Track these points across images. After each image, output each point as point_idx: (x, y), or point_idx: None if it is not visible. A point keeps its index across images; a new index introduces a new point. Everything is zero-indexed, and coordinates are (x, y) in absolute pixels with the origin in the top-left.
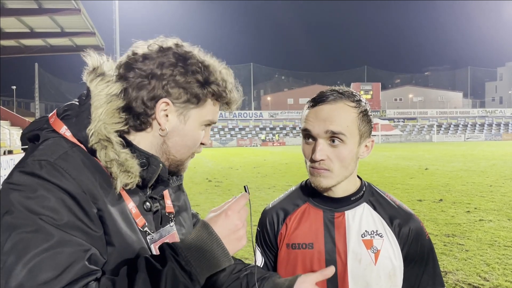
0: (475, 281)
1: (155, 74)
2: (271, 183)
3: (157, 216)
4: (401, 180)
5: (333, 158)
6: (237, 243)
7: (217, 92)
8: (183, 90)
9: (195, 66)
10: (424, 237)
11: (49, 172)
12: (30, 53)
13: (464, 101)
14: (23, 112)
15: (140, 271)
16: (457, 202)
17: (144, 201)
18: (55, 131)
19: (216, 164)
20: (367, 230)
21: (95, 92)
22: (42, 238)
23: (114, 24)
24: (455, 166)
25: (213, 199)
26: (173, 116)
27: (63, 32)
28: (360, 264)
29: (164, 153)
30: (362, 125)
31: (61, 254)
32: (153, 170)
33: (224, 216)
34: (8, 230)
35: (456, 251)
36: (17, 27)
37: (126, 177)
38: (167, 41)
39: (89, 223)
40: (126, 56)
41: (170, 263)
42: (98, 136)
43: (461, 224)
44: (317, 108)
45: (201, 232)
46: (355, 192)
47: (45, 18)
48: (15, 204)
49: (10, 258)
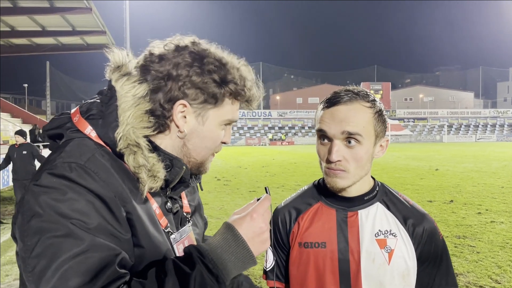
0: (486, 283)
1: (171, 75)
2: (279, 182)
3: (177, 216)
4: (411, 180)
5: (349, 159)
6: (261, 246)
7: (235, 91)
8: (200, 90)
9: (212, 65)
10: (438, 237)
11: (79, 174)
12: (41, 52)
13: (476, 101)
14: (35, 110)
15: (169, 274)
16: (468, 203)
17: (166, 202)
18: (79, 131)
19: (225, 163)
20: (381, 229)
21: (121, 93)
22: (73, 243)
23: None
24: (466, 167)
25: (221, 198)
26: (191, 117)
27: (74, 31)
28: (373, 263)
29: (184, 155)
30: (377, 125)
31: (92, 259)
32: (176, 172)
33: (249, 218)
34: (37, 234)
35: (467, 253)
36: (29, 26)
37: (152, 181)
38: (183, 39)
39: (118, 226)
40: (143, 57)
41: (198, 266)
42: (127, 140)
43: (472, 225)
44: (333, 109)
45: (226, 235)
46: (368, 191)
47: (57, 17)
48: (44, 207)
49: (41, 263)
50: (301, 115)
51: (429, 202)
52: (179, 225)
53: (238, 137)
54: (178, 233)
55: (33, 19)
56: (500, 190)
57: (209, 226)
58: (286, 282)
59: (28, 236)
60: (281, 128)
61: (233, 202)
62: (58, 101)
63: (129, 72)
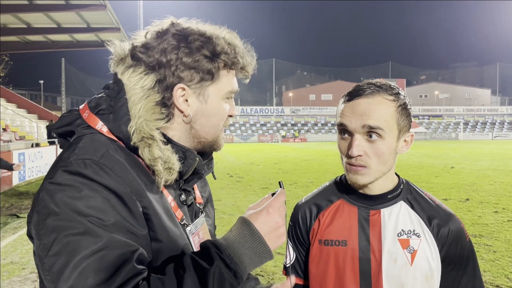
0: (503, 283)
1: (161, 63)
2: (292, 179)
3: (191, 208)
4: (426, 178)
5: (370, 154)
6: (277, 240)
7: (227, 60)
8: (194, 70)
9: (198, 42)
10: (464, 238)
11: (94, 171)
12: (57, 48)
13: (492, 98)
14: (50, 106)
15: (187, 270)
16: (484, 202)
17: (180, 194)
18: (90, 127)
19: (237, 159)
20: (404, 229)
21: (129, 86)
22: (91, 240)
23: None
24: (482, 165)
25: (234, 194)
26: (192, 99)
27: (89, 28)
28: (395, 264)
29: (194, 137)
30: (401, 119)
31: (110, 256)
32: (189, 164)
33: (265, 213)
34: (54, 232)
35: (483, 252)
36: (45, 23)
37: (168, 173)
38: (162, 23)
39: (134, 222)
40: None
41: (217, 262)
42: (141, 133)
43: (488, 224)
44: (354, 102)
45: (242, 230)
46: (392, 189)
47: (72, 14)
48: (60, 205)
49: (59, 261)
50: (314, 112)
51: (445, 201)
52: (193, 217)
53: (251, 133)
54: (193, 225)
55: (49, 16)
56: None
57: (222, 223)
58: (305, 278)
59: (44, 234)
60: (294, 125)
61: (245, 199)
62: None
63: (134, 63)
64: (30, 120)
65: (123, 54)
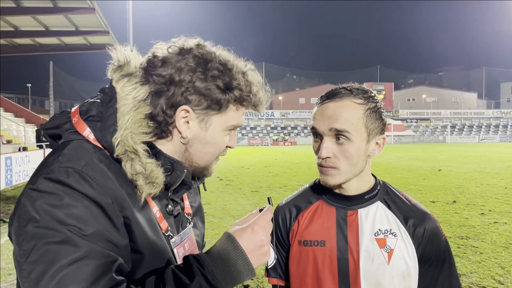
0: (489, 284)
1: (173, 80)
2: (282, 182)
3: (178, 218)
4: (414, 181)
5: (339, 155)
6: (261, 258)
7: (239, 97)
8: (203, 96)
9: (216, 70)
10: (440, 237)
11: (76, 180)
12: (45, 52)
13: (479, 102)
14: (38, 109)
15: (168, 284)
16: (471, 204)
17: (166, 204)
18: (77, 133)
19: (227, 163)
20: (381, 228)
21: (121, 95)
22: (70, 250)
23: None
24: (469, 167)
25: (224, 198)
26: (194, 123)
27: (77, 31)
28: (372, 263)
29: (186, 160)
30: (369, 122)
31: (89, 266)
32: (177, 175)
33: (250, 230)
34: (33, 239)
35: (470, 254)
36: (33, 26)
37: (150, 187)
38: (188, 42)
39: (115, 232)
40: (147, 59)
41: (198, 277)
42: (125, 146)
43: (475, 226)
44: (323, 106)
45: (226, 245)
46: (368, 190)
47: (60, 16)
48: (41, 212)
49: (38, 269)
50: (304, 115)
51: (432, 203)
52: (180, 227)
53: (241, 137)
54: (178, 236)
55: (37, 19)
56: (503, 191)
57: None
58: (287, 279)
59: (24, 240)
60: (284, 128)
61: (235, 202)
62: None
63: (131, 72)
64: (17, 124)
65: (122, 61)
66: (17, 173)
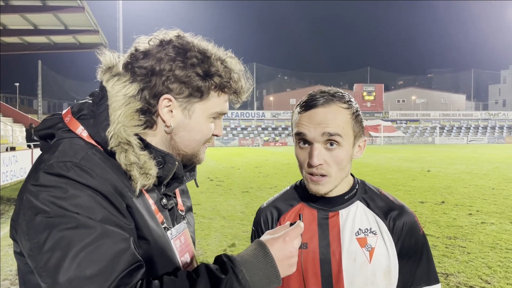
0: (476, 283)
1: (154, 71)
2: (272, 183)
3: (172, 213)
4: (403, 182)
5: (330, 162)
6: (288, 269)
7: (219, 83)
8: (184, 84)
9: (195, 59)
10: (418, 231)
11: (76, 173)
12: (33, 51)
13: (467, 104)
14: (26, 109)
15: (201, 276)
16: (459, 205)
17: (161, 198)
18: (71, 131)
19: (217, 163)
20: (361, 228)
21: (112, 93)
22: (85, 233)
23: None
24: (457, 168)
25: (214, 198)
26: (177, 111)
27: (66, 30)
28: (355, 262)
29: (173, 148)
30: (355, 126)
31: (106, 246)
32: (169, 168)
33: (282, 240)
34: (46, 229)
35: (458, 254)
36: (21, 24)
37: (145, 179)
38: (168, 33)
39: (121, 217)
40: (129, 54)
41: (230, 274)
42: (118, 139)
43: (463, 226)
44: (311, 112)
45: (257, 251)
46: (348, 190)
47: (49, 15)
48: (48, 204)
49: (55, 255)
50: None
51: (421, 203)
52: (174, 222)
53: (232, 137)
54: (174, 229)
55: (25, 17)
56: (490, 192)
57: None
58: None
59: (35, 233)
60: (275, 129)
61: (225, 203)
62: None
63: (119, 72)
64: (5, 124)
65: (111, 63)
66: (4, 173)
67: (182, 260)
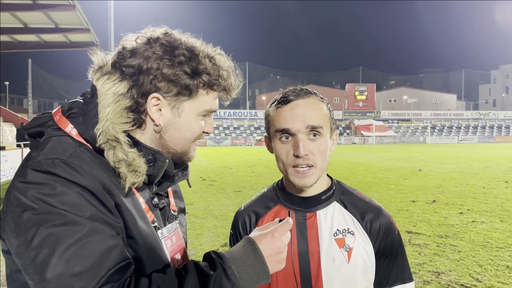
0: (467, 282)
1: (141, 69)
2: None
3: (163, 212)
4: (395, 181)
5: (315, 152)
6: (277, 265)
7: (208, 81)
8: (172, 83)
9: (182, 57)
10: (394, 231)
11: (64, 170)
12: (23, 49)
13: (458, 103)
14: (16, 108)
15: (190, 272)
16: (450, 204)
17: (152, 197)
18: (60, 129)
19: (210, 163)
20: (339, 228)
21: (102, 91)
22: (73, 229)
23: (109, 20)
24: (448, 167)
25: (206, 198)
26: (166, 110)
27: (57, 28)
28: (333, 263)
29: (163, 147)
30: (331, 119)
31: (95, 243)
32: (159, 166)
33: (270, 236)
34: (34, 226)
35: (449, 252)
36: (11, 23)
37: (134, 176)
38: (155, 31)
39: (110, 215)
40: (117, 52)
41: (219, 270)
42: (106, 136)
43: (454, 225)
44: (292, 104)
45: (246, 247)
46: (325, 190)
47: (40, 14)
48: (36, 201)
49: (43, 252)
50: None
51: (412, 202)
52: (166, 221)
53: (224, 137)
54: (165, 229)
55: (15, 15)
56: (481, 191)
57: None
58: None
59: (23, 230)
60: None
61: (218, 202)
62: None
63: (110, 71)
64: None
65: (102, 63)
66: None
67: (173, 260)
